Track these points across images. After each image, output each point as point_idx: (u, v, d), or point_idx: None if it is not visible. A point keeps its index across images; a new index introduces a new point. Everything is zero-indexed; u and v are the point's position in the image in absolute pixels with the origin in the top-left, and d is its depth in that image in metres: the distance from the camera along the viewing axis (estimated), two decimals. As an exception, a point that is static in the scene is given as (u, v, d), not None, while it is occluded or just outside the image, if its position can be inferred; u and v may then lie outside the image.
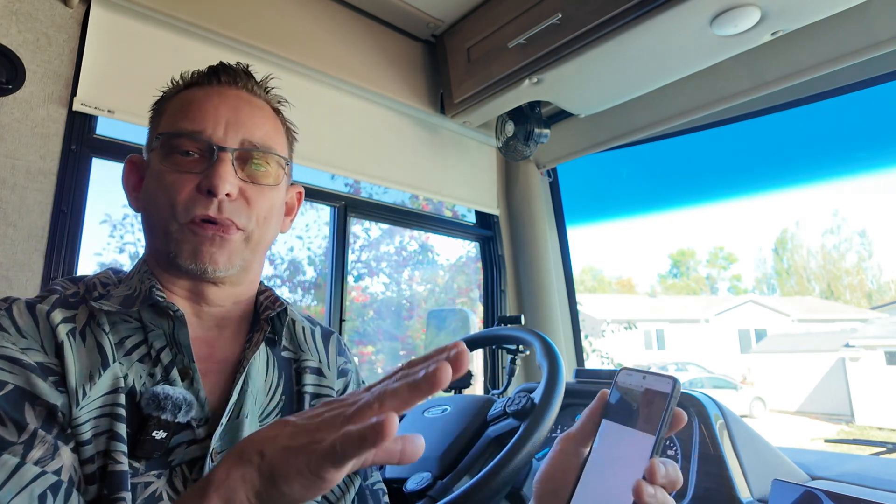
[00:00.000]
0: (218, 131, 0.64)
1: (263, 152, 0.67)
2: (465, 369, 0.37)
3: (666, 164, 1.97)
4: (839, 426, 12.55)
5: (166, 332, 0.63)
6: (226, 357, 0.68)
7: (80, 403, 0.55)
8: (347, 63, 1.54)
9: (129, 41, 1.20)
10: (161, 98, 0.72)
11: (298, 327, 0.77)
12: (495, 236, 2.02)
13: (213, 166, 0.63)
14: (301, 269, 6.14)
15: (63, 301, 0.61)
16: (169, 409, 0.58)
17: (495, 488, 0.81)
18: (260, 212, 0.67)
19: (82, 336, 0.59)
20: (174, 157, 0.64)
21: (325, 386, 0.74)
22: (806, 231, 33.88)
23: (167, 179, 0.63)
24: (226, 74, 0.69)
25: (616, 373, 0.57)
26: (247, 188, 0.66)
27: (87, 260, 3.79)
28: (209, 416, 0.62)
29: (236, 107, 0.67)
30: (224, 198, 0.63)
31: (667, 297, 29.31)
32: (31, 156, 1.07)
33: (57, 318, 0.58)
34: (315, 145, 1.51)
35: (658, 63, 1.37)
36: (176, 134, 0.64)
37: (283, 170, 0.71)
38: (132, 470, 0.56)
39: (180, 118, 0.65)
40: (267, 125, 0.69)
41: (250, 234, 0.66)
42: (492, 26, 1.51)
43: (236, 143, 0.65)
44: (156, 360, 0.62)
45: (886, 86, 1.36)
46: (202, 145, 0.64)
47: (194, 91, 0.68)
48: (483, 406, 1.10)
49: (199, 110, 0.65)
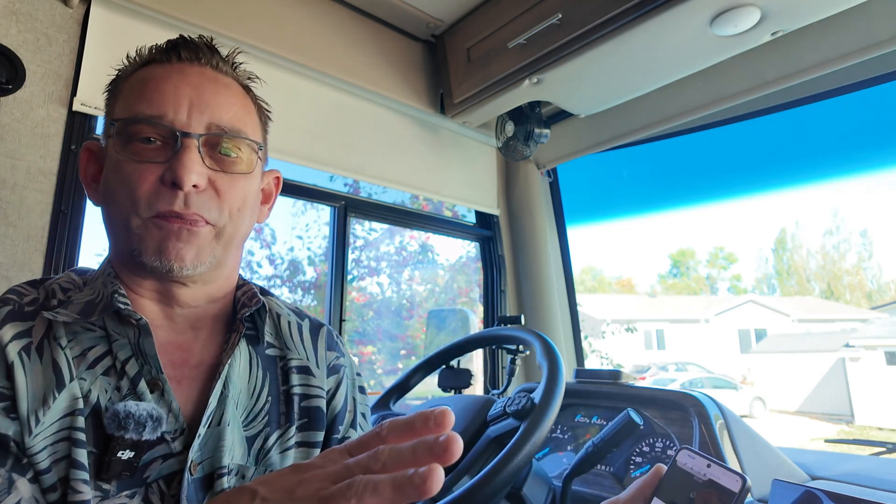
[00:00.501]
0: (180, 115, 0.57)
1: (233, 136, 0.60)
2: (454, 459, 0.34)
3: (666, 164, 1.97)
4: (839, 426, 12.54)
5: (131, 341, 0.57)
6: (202, 361, 0.63)
7: (32, 432, 0.51)
8: (347, 63, 1.54)
9: (129, 41, 1.19)
10: (115, 78, 0.64)
11: (284, 321, 0.72)
12: (495, 236, 2.02)
13: (177, 155, 0.56)
14: (301, 269, 6.14)
15: (17, 312, 0.56)
16: (131, 427, 0.52)
17: (495, 488, 0.81)
18: (232, 204, 0.60)
19: (38, 352, 0.54)
20: (133, 146, 0.57)
21: (313, 386, 0.69)
22: (806, 231, 33.91)
23: (126, 170, 0.56)
24: (186, 49, 0.61)
25: (677, 450, 0.54)
26: (216, 178, 0.59)
27: (90, 260, 3.76)
28: (185, 426, 0.58)
29: (199, 86, 0.59)
30: (191, 190, 0.56)
31: (667, 297, 29.31)
32: (31, 156, 1.07)
33: (7, 336, 0.53)
34: (315, 145, 1.51)
35: (658, 63, 1.37)
36: (133, 119, 0.57)
37: (256, 154, 0.63)
38: (101, 493, 0.52)
39: (137, 101, 0.58)
40: (235, 105, 0.62)
41: (222, 229, 0.60)
42: (492, 26, 1.51)
43: (202, 127, 0.58)
44: (121, 373, 0.56)
45: (886, 86, 1.36)
46: (164, 131, 0.57)
47: (152, 69, 0.60)
48: (483, 406, 1.10)
49: (158, 91, 0.58)
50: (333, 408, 0.71)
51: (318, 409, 0.68)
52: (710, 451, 1.05)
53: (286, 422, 0.66)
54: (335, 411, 0.70)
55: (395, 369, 6.16)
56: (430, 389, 3.26)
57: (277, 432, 0.65)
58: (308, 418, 0.68)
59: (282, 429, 0.65)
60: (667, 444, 1.14)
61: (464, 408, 1.13)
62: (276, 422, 0.65)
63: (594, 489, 1.15)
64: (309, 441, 0.67)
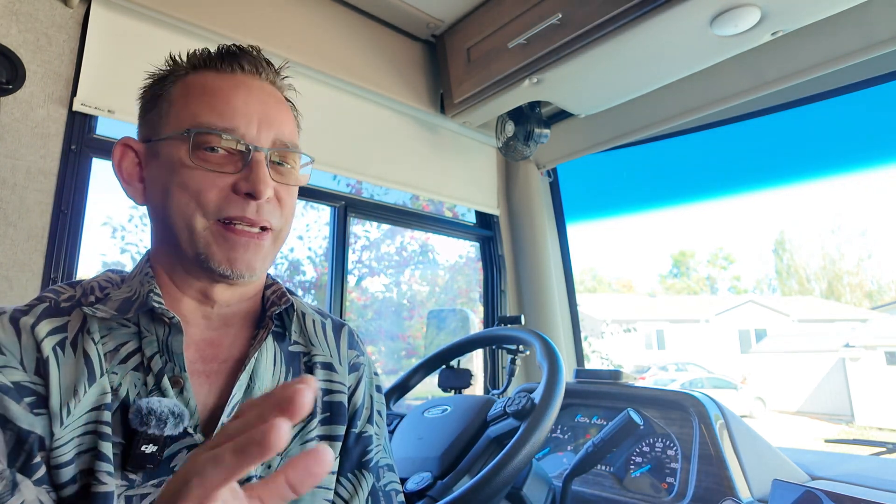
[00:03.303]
0: (251, 130, 0.61)
1: (293, 152, 0.65)
2: (303, 410, 0.33)
3: (666, 164, 1.97)
4: (839, 426, 12.54)
5: (160, 338, 0.60)
6: (230, 355, 0.66)
7: (63, 422, 0.53)
8: (347, 63, 1.54)
9: (129, 41, 1.20)
10: (160, 78, 0.65)
11: (309, 320, 0.74)
12: (495, 236, 2.02)
13: (252, 168, 0.60)
14: (301, 269, 6.14)
15: (53, 309, 0.58)
16: (153, 424, 0.55)
17: (495, 488, 0.81)
18: (289, 211, 0.66)
19: (73, 346, 0.56)
20: (200, 153, 0.59)
21: (336, 382, 0.71)
22: (806, 231, 33.87)
23: (191, 175, 0.59)
24: (248, 62, 0.64)
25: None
26: (279, 189, 0.63)
27: (92, 260, 3.75)
28: (210, 419, 0.60)
29: (265, 102, 0.63)
30: (262, 201, 0.60)
31: (667, 296, 29.31)
32: (32, 156, 1.07)
33: (42, 332, 0.55)
34: (315, 145, 1.51)
35: (658, 63, 1.37)
36: (205, 130, 0.59)
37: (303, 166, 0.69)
38: (127, 482, 0.54)
39: (204, 110, 0.60)
40: (290, 122, 0.67)
41: (278, 233, 0.65)
42: (492, 26, 1.51)
43: (269, 142, 0.62)
44: (147, 369, 0.59)
45: (886, 86, 1.36)
46: (235, 144, 0.60)
47: (212, 78, 0.63)
48: (483, 406, 1.10)
49: (228, 105, 0.60)
50: (353, 404, 0.72)
51: (340, 404, 0.70)
52: (711, 451, 1.05)
53: (308, 415, 0.67)
54: (355, 407, 0.72)
55: (395, 369, 6.16)
56: (430, 389, 3.26)
57: (299, 425, 0.66)
58: (331, 413, 0.69)
59: (303, 422, 0.67)
60: (667, 444, 1.14)
61: (464, 408, 1.13)
62: None
63: (594, 489, 1.15)
64: (331, 435, 0.69)
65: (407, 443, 1.11)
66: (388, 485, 0.72)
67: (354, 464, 0.69)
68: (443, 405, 1.18)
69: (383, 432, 0.75)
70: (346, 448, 0.69)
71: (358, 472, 0.69)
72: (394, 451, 1.10)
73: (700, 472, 1.04)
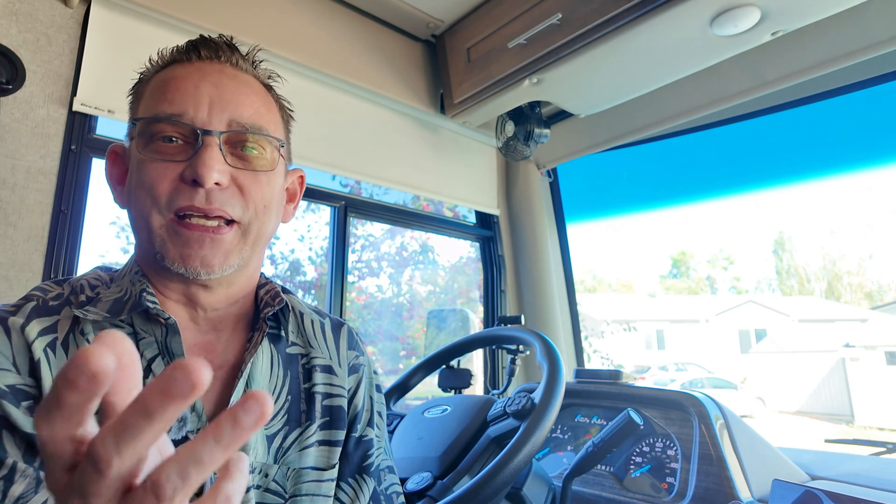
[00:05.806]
0: (201, 113, 0.58)
1: (254, 133, 0.60)
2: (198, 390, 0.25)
3: (666, 164, 1.97)
4: (839, 426, 12.54)
5: (158, 340, 0.58)
6: (226, 361, 0.63)
7: None
8: (347, 63, 1.54)
9: (129, 41, 1.20)
10: (139, 80, 0.65)
11: (307, 320, 0.72)
12: (495, 236, 2.02)
13: (198, 153, 0.56)
14: (301, 269, 6.14)
15: (42, 308, 0.56)
16: None
17: (495, 488, 0.81)
18: (257, 201, 0.60)
19: (64, 347, 0.54)
20: (155, 145, 0.57)
21: (336, 385, 0.69)
22: (806, 231, 33.86)
23: (147, 169, 0.57)
24: (206, 48, 0.62)
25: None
26: (239, 175, 0.59)
27: (92, 260, 3.75)
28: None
29: (219, 83, 0.60)
30: (213, 187, 0.56)
31: (667, 297, 29.31)
32: (31, 156, 1.07)
33: (33, 333, 0.53)
34: (315, 145, 1.51)
35: (658, 63, 1.37)
36: (154, 119, 0.57)
37: (278, 152, 0.64)
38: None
39: (158, 100, 0.59)
40: (256, 103, 0.62)
41: (248, 225, 0.60)
42: (492, 26, 1.51)
43: (222, 124, 0.58)
44: (147, 372, 0.56)
45: (886, 86, 1.36)
46: (184, 129, 0.57)
47: (173, 69, 0.61)
48: (483, 406, 1.10)
49: (178, 90, 0.58)
50: (353, 407, 0.71)
51: (340, 408, 0.69)
52: (711, 451, 1.05)
53: (307, 420, 0.66)
54: (355, 411, 0.71)
55: (395, 369, 6.16)
56: (430, 389, 3.26)
57: (297, 431, 0.65)
58: (330, 417, 0.68)
59: (301, 427, 0.65)
60: (667, 444, 1.14)
61: (464, 408, 1.13)
62: (296, 420, 0.65)
63: (594, 489, 1.15)
64: (331, 440, 0.67)
65: (407, 443, 1.11)
66: (389, 488, 0.71)
67: (355, 468, 0.68)
68: (443, 405, 1.18)
69: (384, 434, 0.74)
70: (346, 453, 0.68)
71: (359, 477, 0.68)
72: (394, 451, 1.10)
73: (700, 472, 1.04)
